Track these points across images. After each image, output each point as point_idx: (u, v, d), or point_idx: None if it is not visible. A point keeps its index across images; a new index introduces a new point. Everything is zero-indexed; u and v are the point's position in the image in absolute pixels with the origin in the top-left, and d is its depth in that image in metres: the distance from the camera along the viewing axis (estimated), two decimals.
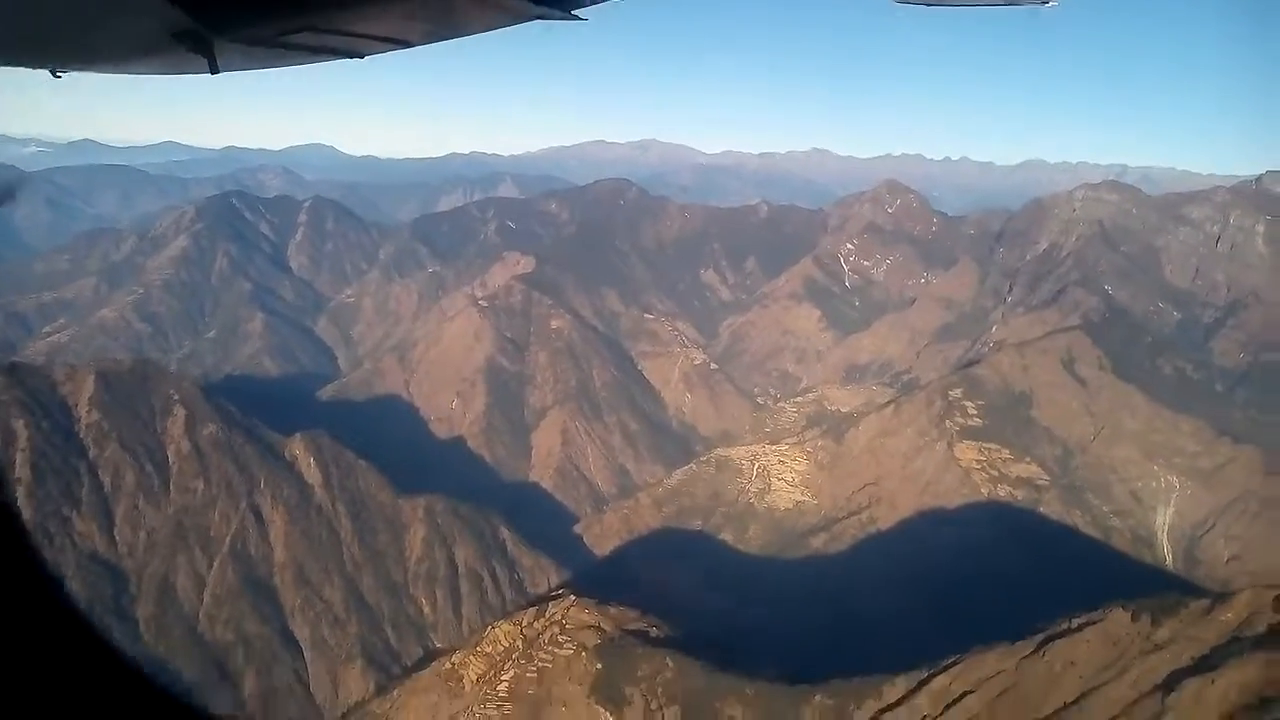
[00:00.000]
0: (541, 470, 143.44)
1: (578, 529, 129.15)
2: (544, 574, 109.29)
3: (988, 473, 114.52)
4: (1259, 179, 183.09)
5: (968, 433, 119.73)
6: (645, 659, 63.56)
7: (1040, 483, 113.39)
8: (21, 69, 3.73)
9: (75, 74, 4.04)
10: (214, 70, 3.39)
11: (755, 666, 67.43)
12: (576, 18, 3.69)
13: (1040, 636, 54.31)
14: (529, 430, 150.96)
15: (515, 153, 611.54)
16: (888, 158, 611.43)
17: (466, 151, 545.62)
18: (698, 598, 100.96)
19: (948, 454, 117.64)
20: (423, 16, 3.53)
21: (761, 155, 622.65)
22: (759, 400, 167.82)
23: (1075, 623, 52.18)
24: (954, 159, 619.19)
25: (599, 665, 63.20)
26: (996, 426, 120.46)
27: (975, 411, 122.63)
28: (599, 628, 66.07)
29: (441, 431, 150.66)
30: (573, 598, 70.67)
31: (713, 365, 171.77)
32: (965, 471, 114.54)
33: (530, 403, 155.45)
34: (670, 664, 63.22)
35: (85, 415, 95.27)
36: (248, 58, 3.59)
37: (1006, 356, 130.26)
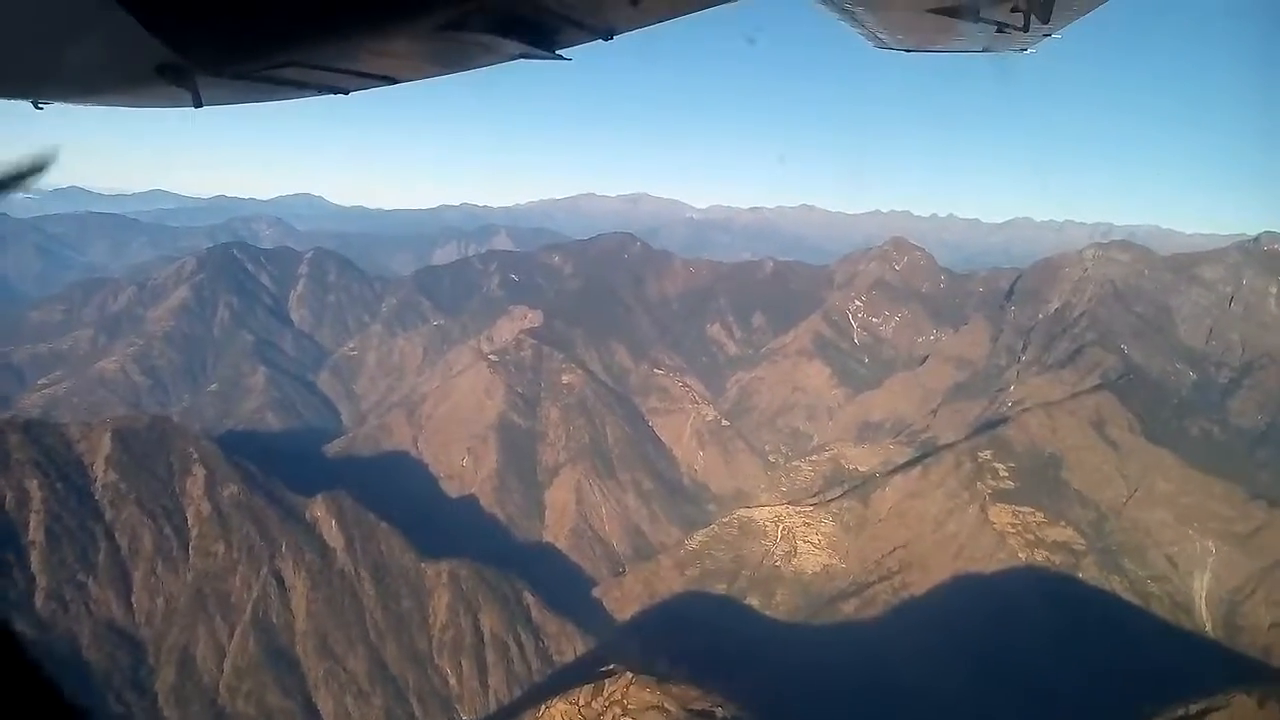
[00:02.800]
0: (556, 530, 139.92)
1: (596, 593, 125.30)
2: (569, 642, 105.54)
3: (1024, 536, 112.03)
4: (1257, 239, 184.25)
5: (1000, 495, 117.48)
6: None
7: (1077, 547, 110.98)
8: (2, 100, 3.64)
9: (60, 108, 3.95)
10: (197, 104, 3.40)
11: None
12: (560, 58, 3.68)
13: None
14: (542, 488, 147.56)
15: (506, 204, 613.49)
16: (876, 214, 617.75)
17: (457, 203, 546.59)
18: (731, 668, 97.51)
19: (981, 517, 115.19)
20: (406, 54, 3.53)
21: (751, 210, 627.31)
22: (770, 458, 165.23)
23: (1194, 709, 49.42)
24: (941, 215, 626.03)
25: None
26: (1029, 489, 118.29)
27: (1006, 473, 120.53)
28: (663, 708, 62.70)
29: (453, 490, 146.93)
30: (630, 675, 67.23)
31: (724, 422, 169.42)
32: (1000, 535, 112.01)
33: (543, 460, 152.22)
34: None
35: (102, 475, 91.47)
36: (232, 91, 3.59)
37: (1034, 417, 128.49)
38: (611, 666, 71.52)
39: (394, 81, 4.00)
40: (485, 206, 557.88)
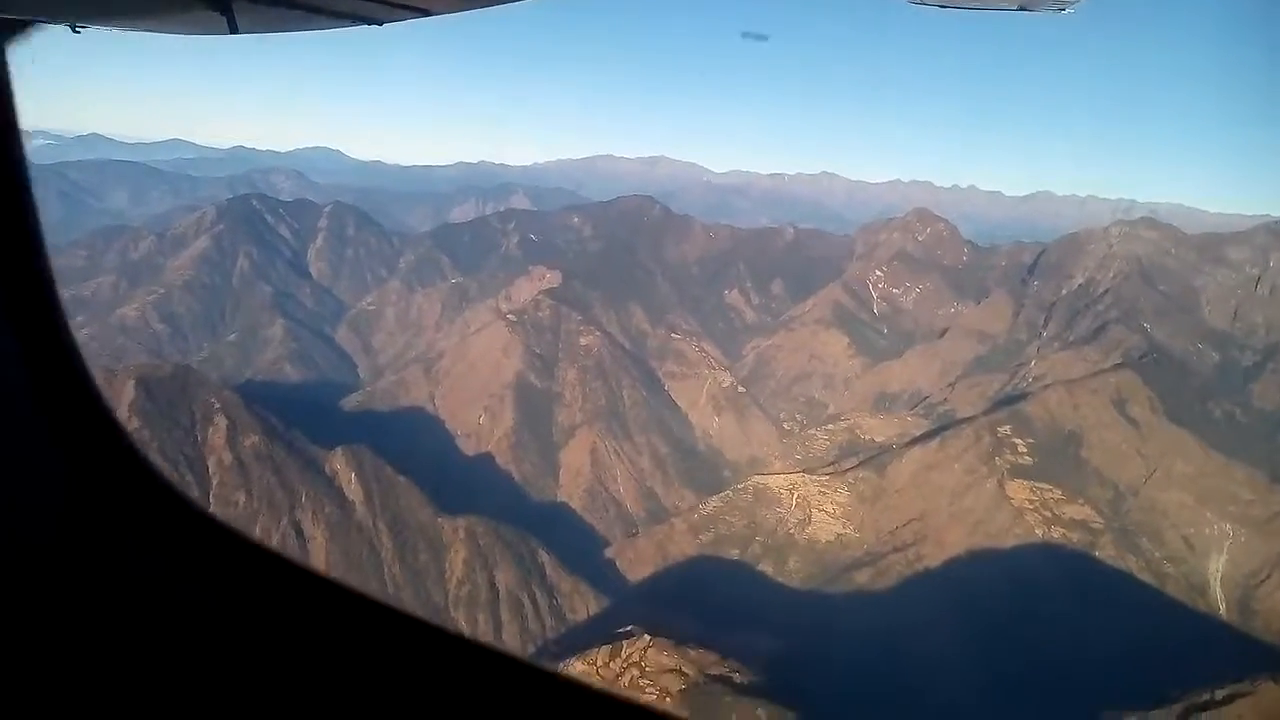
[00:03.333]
0: (570, 490, 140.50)
1: (609, 553, 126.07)
2: (582, 600, 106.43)
3: (1041, 513, 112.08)
4: None
5: (1018, 471, 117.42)
6: (735, 709, 60.65)
7: (1094, 525, 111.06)
8: (40, 24, 3.46)
9: (97, 31, 3.78)
10: (233, 30, 3.34)
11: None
12: None
13: (1179, 707, 51.55)
14: (557, 449, 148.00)
15: (523, 163, 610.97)
16: (896, 183, 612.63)
17: (474, 160, 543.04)
18: (745, 633, 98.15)
19: (999, 492, 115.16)
20: None
21: (771, 176, 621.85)
22: (785, 426, 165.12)
23: (1219, 694, 49.38)
24: (962, 186, 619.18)
25: (687, 713, 60.31)
26: (1047, 466, 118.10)
27: (1025, 449, 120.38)
28: (681, 671, 63.14)
29: (469, 447, 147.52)
30: (648, 637, 67.67)
31: (740, 388, 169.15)
32: (1018, 511, 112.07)
33: (559, 421, 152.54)
34: (763, 716, 60.33)
35: (125, 422, 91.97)
36: (267, 19, 3.54)
37: (1055, 394, 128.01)
38: (629, 628, 71.94)
39: (427, 13, 3.92)
40: (503, 165, 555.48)
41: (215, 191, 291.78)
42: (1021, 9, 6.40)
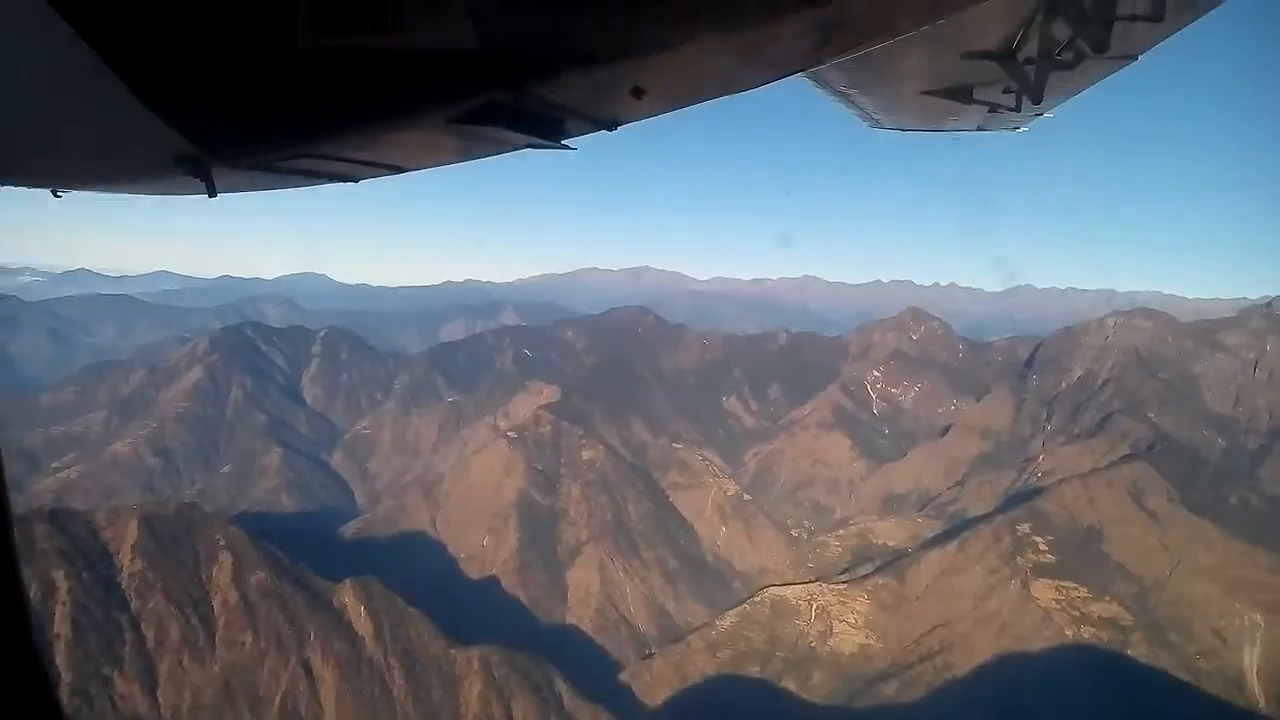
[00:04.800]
0: (580, 612, 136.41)
1: (624, 677, 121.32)
2: None
3: (1069, 613, 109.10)
4: (1270, 304, 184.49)
5: (1042, 570, 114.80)
6: None
7: (1124, 623, 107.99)
8: (22, 189, 3.91)
9: (75, 195, 4.15)
10: (212, 194, 3.53)
11: None
12: (566, 147, 3.80)
13: None
14: (564, 568, 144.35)
15: (509, 280, 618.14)
16: (878, 284, 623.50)
17: (461, 280, 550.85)
18: None
19: (1023, 593, 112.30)
20: (416, 145, 3.73)
21: (754, 281, 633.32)
22: (793, 533, 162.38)
23: None
24: (943, 285, 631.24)
25: None
26: (1070, 563, 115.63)
27: (1046, 548, 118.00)
28: None
29: (473, 571, 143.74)
30: None
31: (746, 496, 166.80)
32: (1045, 612, 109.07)
33: (564, 539, 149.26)
34: None
35: (128, 564, 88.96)
36: (246, 180, 3.78)
37: (1071, 488, 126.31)
38: None
39: (401, 171, 4.13)
40: (489, 282, 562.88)
41: (204, 321, 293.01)
42: (979, 130, 7.70)
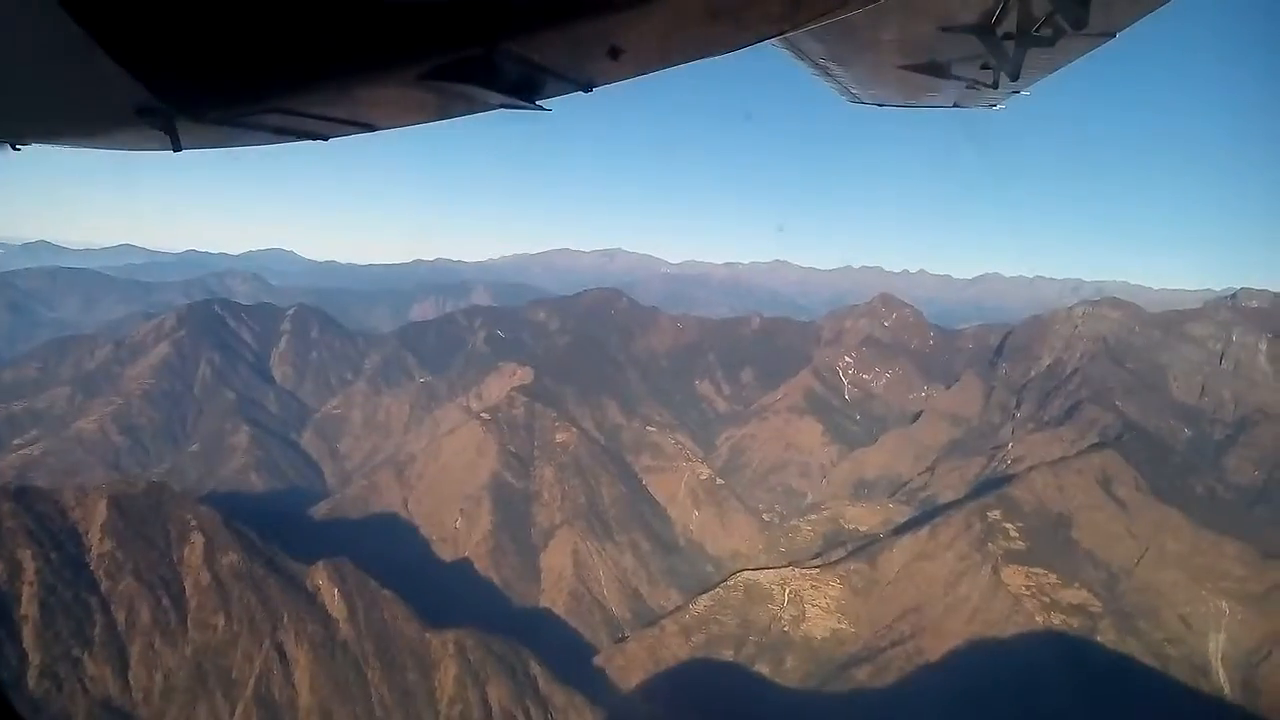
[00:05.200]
0: (553, 595, 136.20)
1: (599, 660, 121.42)
2: (578, 714, 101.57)
3: (1039, 599, 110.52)
4: (1235, 295, 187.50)
5: (1012, 556, 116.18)
6: None
7: (1093, 609, 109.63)
8: None
9: (36, 154, 4.11)
10: (177, 148, 3.55)
11: None
12: (540, 108, 3.80)
13: None
14: (537, 551, 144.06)
15: (480, 259, 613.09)
16: (848, 269, 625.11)
17: (431, 258, 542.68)
18: None
19: (994, 579, 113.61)
20: (388, 102, 3.71)
21: (726, 265, 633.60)
22: (765, 517, 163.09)
23: None
24: (912, 271, 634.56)
25: None
26: (1040, 550, 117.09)
27: (1016, 534, 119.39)
28: None
29: (446, 553, 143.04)
30: None
31: (718, 480, 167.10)
32: (1016, 598, 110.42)
33: (538, 521, 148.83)
34: None
35: (97, 544, 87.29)
36: (211, 136, 3.74)
37: (1040, 476, 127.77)
38: None
39: (374, 129, 4.11)
40: (460, 261, 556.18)
41: (169, 297, 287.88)
42: (956, 106, 7.78)
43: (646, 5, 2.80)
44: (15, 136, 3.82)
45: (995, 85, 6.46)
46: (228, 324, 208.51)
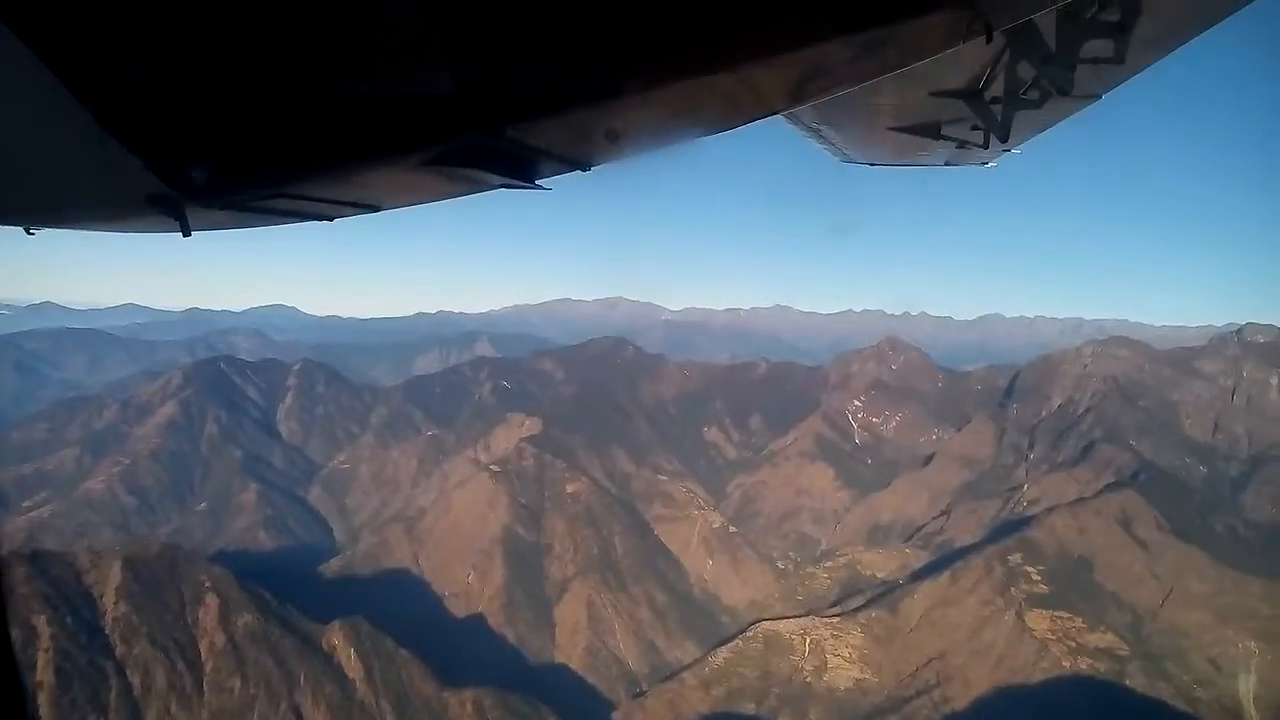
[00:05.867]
0: (569, 650, 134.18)
1: (618, 716, 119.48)
2: None
3: (1065, 644, 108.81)
4: (1240, 330, 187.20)
5: (1035, 600, 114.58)
6: None
7: (1120, 653, 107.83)
8: None
9: (48, 232, 4.24)
10: (186, 233, 3.63)
11: None
12: (540, 187, 3.91)
13: None
14: (551, 604, 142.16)
15: (482, 310, 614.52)
16: (849, 313, 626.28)
17: (433, 311, 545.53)
18: None
19: (1018, 624, 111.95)
20: (391, 186, 3.82)
21: (726, 311, 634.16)
22: (780, 565, 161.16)
23: None
24: (913, 314, 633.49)
25: None
26: (1063, 593, 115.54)
27: (1039, 577, 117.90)
28: None
29: (458, 608, 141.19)
30: None
31: (731, 528, 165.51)
32: (1042, 643, 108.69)
33: (550, 574, 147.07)
34: None
35: (112, 608, 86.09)
36: (220, 220, 3.85)
37: (1060, 518, 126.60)
38: None
39: (377, 209, 4.19)
40: (461, 313, 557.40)
41: (174, 355, 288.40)
42: (947, 165, 7.87)
43: (644, 93, 2.86)
44: (29, 222, 3.94)
45: (985, 145, 6.57)
46: (233, 381, 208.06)
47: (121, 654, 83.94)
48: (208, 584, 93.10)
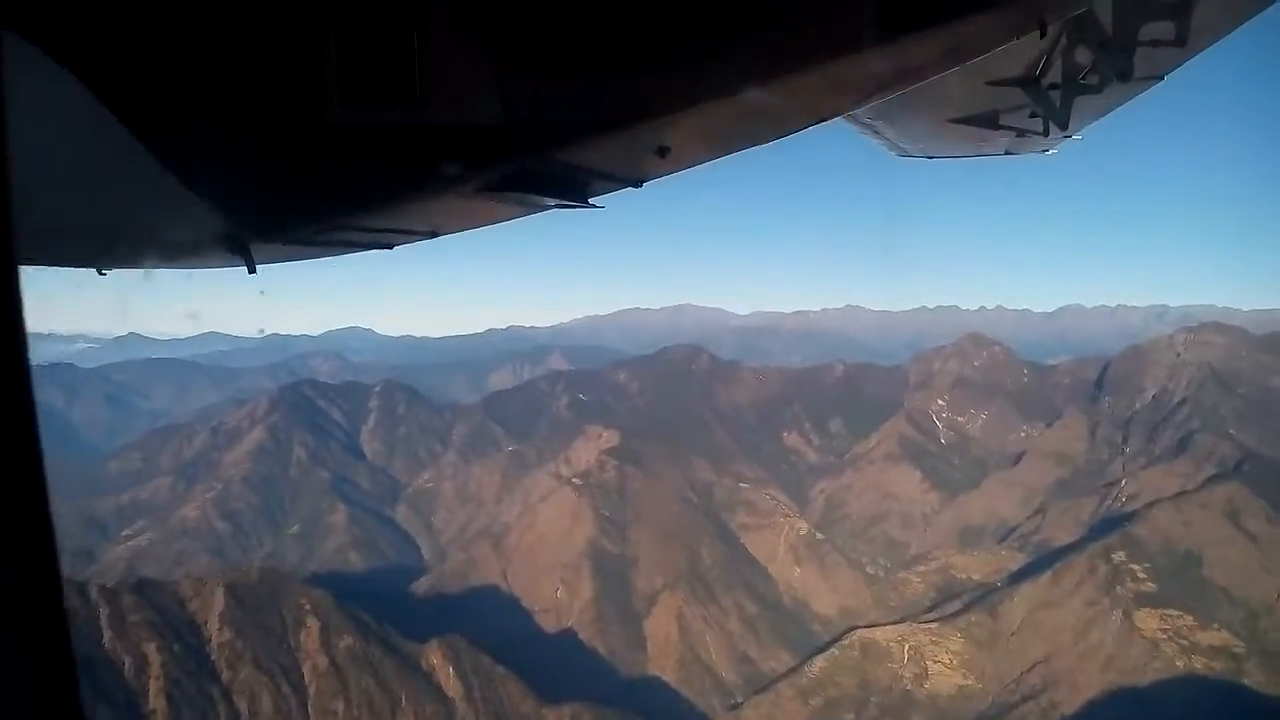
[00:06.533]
0: (661, 662, 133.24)
1: None
2: None
3: (1177, 643, 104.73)
4: None
5: (1143, 599, 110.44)
6: None
7: (1236, 650, 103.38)
8: (68, 268, 4.07)
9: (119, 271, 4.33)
10: (251, 269, 3.71)
11: None
12: (593, 205, 3.94)
13: None
14: (641, 617, 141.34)
15: (552, 324, 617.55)
16: (922, 310, 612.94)
17: (504, 326, 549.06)
18: None
19: (1126, 624, 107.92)
20: (448, 213, 3.91)
21: (795, 314, 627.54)
22: (869, 571, 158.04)
23: None
24: (989, 308, 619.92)
25: None
26: (1171, 590, 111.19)
27: (1145, 575, 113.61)
28: None
29: (549, 623, 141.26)
30: None
31: (818, 535, 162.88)
32: (1152, 643, 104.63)
33: (638, 587, 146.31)
34: None
35: (216, 634, 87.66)
36: (284, 253, 3.99)
37: (1163, 512, 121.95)
38: None
39: (435, 235, 4.32)
40: (533, 327, 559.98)
41: (257, 380, 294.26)
42: (1007, 153, 7.87)
43: (692, 108, 2.86)
44: (103, 264, 4.04)
45: (1045, 133, 6.45)
46: (317, 405, 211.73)
47: (228, 679, 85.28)
48: (308, 607, 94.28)
